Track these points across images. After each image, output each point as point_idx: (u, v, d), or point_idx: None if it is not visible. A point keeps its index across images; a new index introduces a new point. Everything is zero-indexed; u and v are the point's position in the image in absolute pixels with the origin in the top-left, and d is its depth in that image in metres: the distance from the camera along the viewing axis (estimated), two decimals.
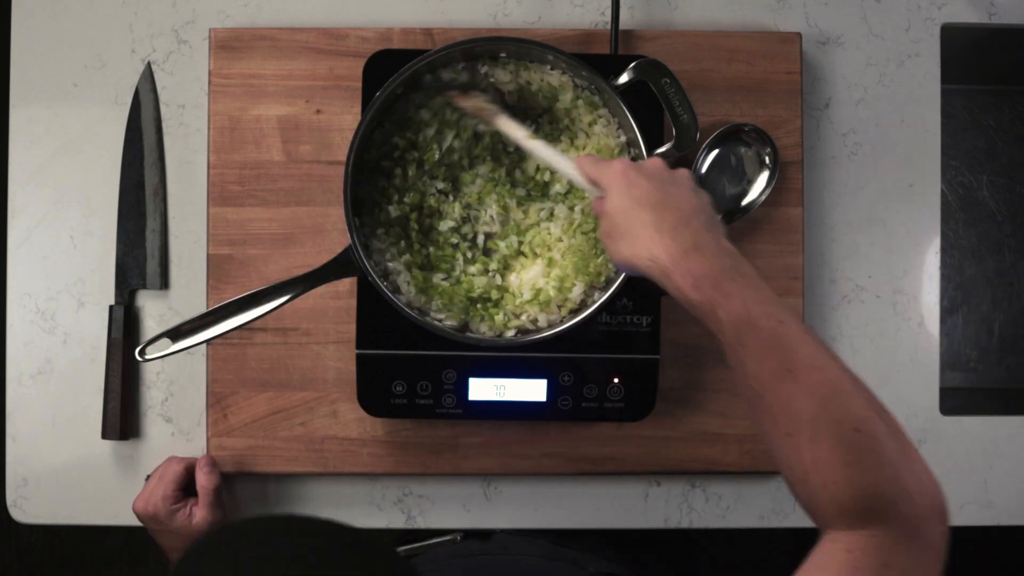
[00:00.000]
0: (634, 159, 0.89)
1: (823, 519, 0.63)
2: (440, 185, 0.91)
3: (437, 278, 0.90)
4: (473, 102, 0.89)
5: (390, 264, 0.90)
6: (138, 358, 0.85)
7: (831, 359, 0.65)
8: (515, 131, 0.87)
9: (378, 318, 0.92)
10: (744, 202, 0.98)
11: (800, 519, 1.02)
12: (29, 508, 1.01)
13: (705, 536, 1.06)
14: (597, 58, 0.96)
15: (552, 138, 0.92)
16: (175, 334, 0.84)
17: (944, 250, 1.23)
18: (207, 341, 0.84)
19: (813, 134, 1.03)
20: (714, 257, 0.69)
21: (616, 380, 0.94)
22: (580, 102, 0.91)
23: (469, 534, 1.01)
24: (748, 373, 0.66)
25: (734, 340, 0.67)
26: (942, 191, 1.06)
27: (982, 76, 1.22)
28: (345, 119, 0.98)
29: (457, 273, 0.91)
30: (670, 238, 0.70)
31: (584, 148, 0.91)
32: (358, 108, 0.95)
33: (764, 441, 0.67)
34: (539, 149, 0.85)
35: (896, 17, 1.03)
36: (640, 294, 0.93)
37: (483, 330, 0.90)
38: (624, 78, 0.89)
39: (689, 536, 1.23)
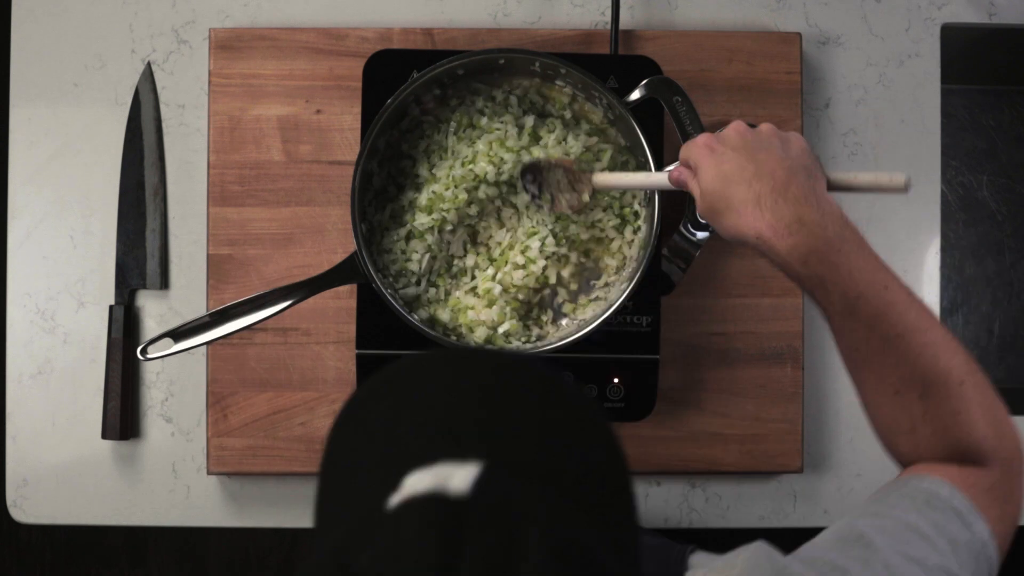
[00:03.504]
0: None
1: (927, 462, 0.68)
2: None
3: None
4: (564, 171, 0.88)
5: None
6: (140, 357, 0.85)
7: (933, 320, 0.68)
8: (605, 179, 0.87)
9: (378, 318, 0.92)
10: None
11: (800, 519, 1.02)
12: (29, 508, 1.01)
13: (705, 536, 1.06)
14: (597, 58, 0.96)
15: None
16: (177, 334, 0.84)
17: (944, 250, 1.22)
18: (209, 343, 0.84)
19: (813, 134, 1.03)
20: (818, 228, 0.68)
21: (616, 380, 0.94)
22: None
23: None
24: (857, 338, 0.69)
25: (844, 310, 0.68)
26: (942, 191, 1.06)
27: (982, 76, 1.22)
28: (345, 119, 0.98)
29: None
30: (771, 214, 0.69)
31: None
32: (358, 108, 0.95)
33: (863, 399, 0.70)
34: (627, 179, 0.85)
35: (896, 17, 1.03)
36: (640, 295, 0.93)
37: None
38: (635, 95, 0.89)
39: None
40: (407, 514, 0.42)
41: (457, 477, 0.43)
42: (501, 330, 0.90)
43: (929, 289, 1.03)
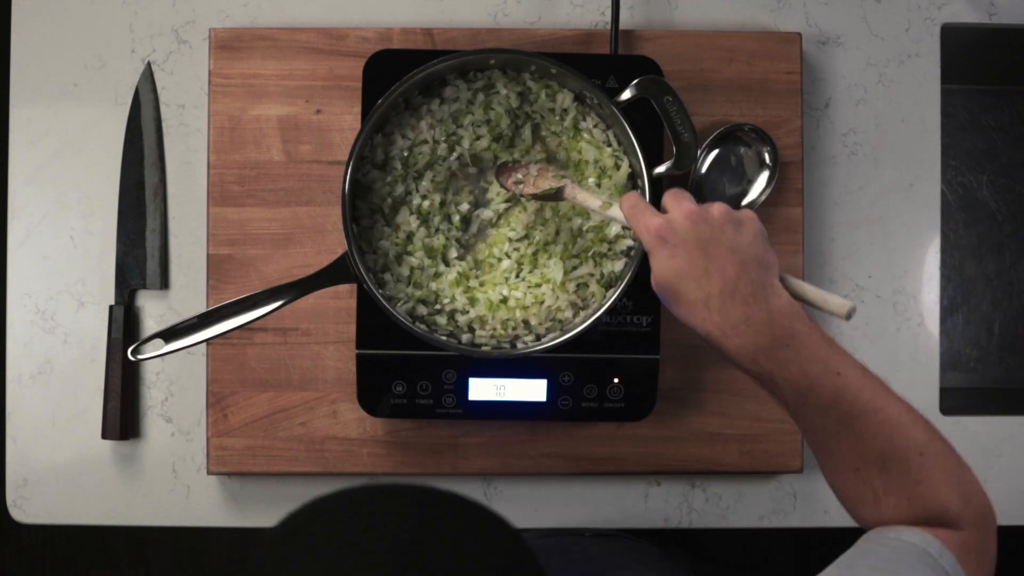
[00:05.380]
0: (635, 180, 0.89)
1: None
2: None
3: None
4: (534, 183, 0.89)
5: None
6: (131, 357, 0.85)
7: (888, 396, 0.70)
8: (589, 200, 0.85)
9: (378, 318, 0.92)
10: (744, 202, 0.98)
11: (800, 519, 1.02)
12: (29, 508, 1.01)
13: (705, 536, 1.06)
14: (597, 59, 0.96)
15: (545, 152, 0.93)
16: (168, 335, 0.84)
17: (944, 250, 1.22)
18: (200, 343, 0.85)
19: (813, 134, 1.03)
20: (766, 327, 0.69)
21: (616, 380, 0.94)
22: (574, 108, 0.92)
23: None
24: (814, 424, 0.71)
25: (797, 402, 0.70)
26: (942, 191, 1.07)
27: (982, 76, 1.22)
28: (345, 119, 0.98)
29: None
30: (719, 315, 0.70)
31: (580, 168, 0.92)
32: (358, 108, 0.95)
33: (825, 474, 0.73)
34: (596, 207, 0.84)
35: (896, 17, 1.03)
36: (640, 294, 0.93)
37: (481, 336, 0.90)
38: (626, 95, 0.89)
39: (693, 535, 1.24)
40: None
41: None
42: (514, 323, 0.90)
43: (929, 289, 1.03)
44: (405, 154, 0.91)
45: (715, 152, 0.98)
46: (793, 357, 0.69)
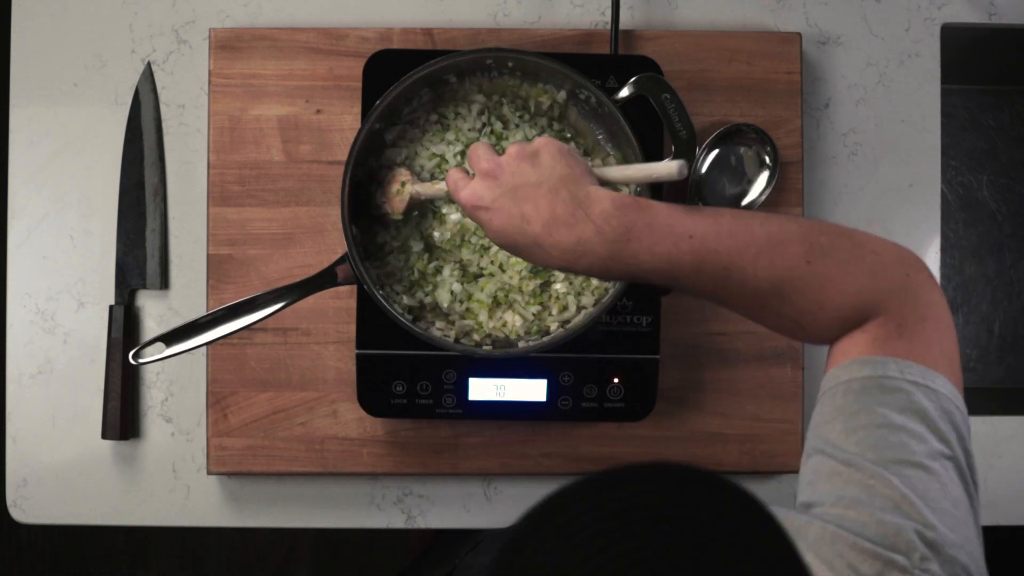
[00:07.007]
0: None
1: (831, 343, 0.69)
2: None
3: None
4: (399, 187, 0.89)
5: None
6: (132, 361, 0.85)
7: (749, 227, 0.68)
8: (434, 192, 0.87)
9: (378, 318, 0.92)
10: (744, 202, 0.98)
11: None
12: (29, 508, 1.01)
13: None
14: (597, 58, 0.96)
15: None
16: (170, 338, 0.84)
17: (944, 250, 1.22)
18: (200, 346, 0.84)
19: (813, 134, 1.03)
20: (598, 238, 0.69)
21: (616, 380, 0.94)
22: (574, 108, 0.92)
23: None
24: (702, 293, 0.70)
25: (671, 283, 0.70)
26: (942, 191, 1.07)
27: (982, 76, 1.22)
28: (345, 119, 0.98)
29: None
30: (553, 249, 0.70)
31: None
32: (358, 108, 0.95)
33: (749, 320, 0.72)
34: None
35: (896, 17, 1.03)
36: (640, 294, 0.93)
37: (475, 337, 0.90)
38: (624, 92, 0.89)
39: None
40: None
41: None
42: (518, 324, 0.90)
43: None
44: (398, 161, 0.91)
45: (715, 152, 0.98)
46: (639, 248, 0.68)
